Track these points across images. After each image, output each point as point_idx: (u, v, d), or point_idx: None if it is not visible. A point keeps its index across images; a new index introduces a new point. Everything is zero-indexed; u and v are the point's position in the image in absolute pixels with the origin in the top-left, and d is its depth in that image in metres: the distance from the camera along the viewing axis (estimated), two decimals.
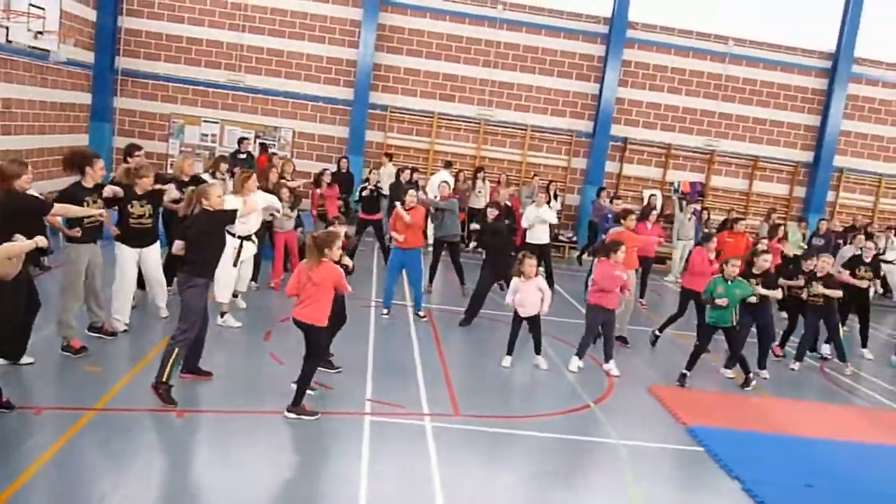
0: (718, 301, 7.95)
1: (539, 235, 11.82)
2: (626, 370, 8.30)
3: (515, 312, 8.07)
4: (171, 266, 8.01)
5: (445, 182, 12.07)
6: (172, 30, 15.92)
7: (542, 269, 11.43)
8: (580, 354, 8.20)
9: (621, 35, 16.45)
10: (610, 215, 12.07)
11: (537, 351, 8.15)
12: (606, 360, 8.24)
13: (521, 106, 16.82)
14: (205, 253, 6.09)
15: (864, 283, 10.18)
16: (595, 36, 16.68)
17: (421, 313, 9.59)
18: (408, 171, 13.84)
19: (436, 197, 11.62)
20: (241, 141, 14.34)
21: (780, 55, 17.07)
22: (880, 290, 13.27)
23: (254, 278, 9.71)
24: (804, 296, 9.35)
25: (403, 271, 9.78)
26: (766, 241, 10.45)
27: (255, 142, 15.59)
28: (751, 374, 8.36)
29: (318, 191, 12.42)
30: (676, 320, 9.63)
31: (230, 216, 6.48)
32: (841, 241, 13.71)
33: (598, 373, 8.16)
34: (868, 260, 10.36)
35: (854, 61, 16.99)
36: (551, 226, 12.22)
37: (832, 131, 17.12)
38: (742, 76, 17.08)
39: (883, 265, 14.04)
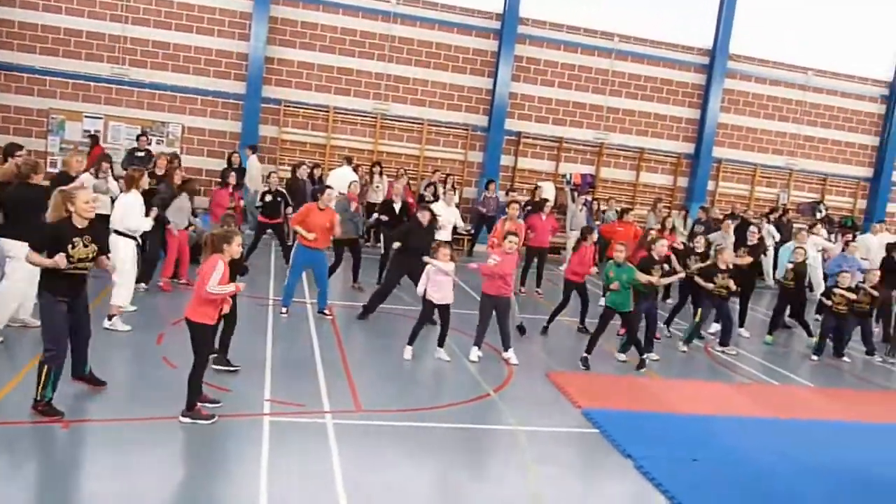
0: (612, 286, 8.40)
1: (441, 231, 11.93)
2: (525, 358, 8.52)
3: (428, 302, 8.11)
4: None
5: (356, 181, 12.00)
6: (49, 20, 14.98)
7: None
8: (478, 344, 8.34)
9: (512, 31, 16.79)
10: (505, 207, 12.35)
11: (441, 343, 8.24)
12: (505, 349, 8.42)
13: (418, 100, 16.89)
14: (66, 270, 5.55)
15: (745, 260, 10.86)
16: (487, 31, 16.94)
17: (326, 311, 9.48)
18: (305, 167, 13.63)
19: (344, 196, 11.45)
20: (138, 137, 13.75)
21: (662, 51, 17.91)
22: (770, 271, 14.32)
23: (143, 280, 9.35)
24: (710, 286, 9.78)
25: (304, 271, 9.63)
26: (654, 230, 11.04)
27: (148, 138, 14.92)
28: (644, 358, 8.78)
29: (229, 190, 12.02)
30: (562, 310, 9.99)
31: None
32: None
33: (497, 362, 8.34)
34: (751, 243, 11.06)
35: (729, 57, 18.05)
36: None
37: (711, 124, 18.14)
38: (628, 72, 17.81)
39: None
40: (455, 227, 12.13)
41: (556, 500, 5.32)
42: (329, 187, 9.87)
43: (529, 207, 13.61)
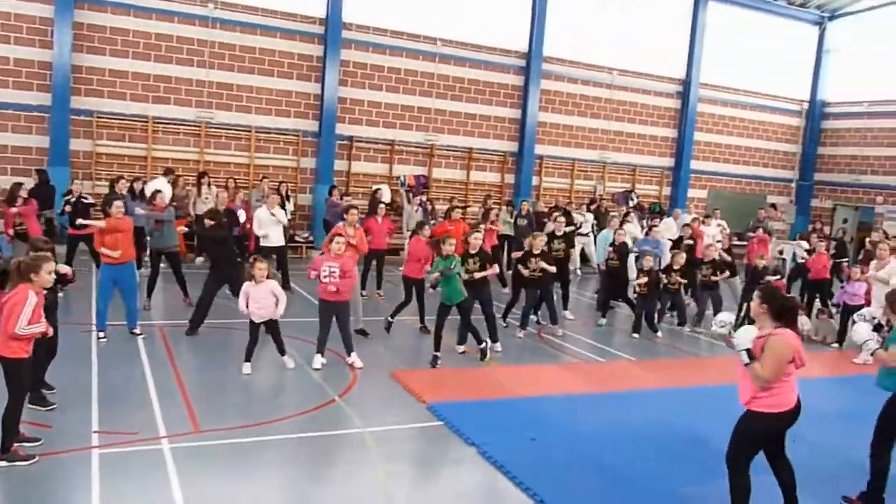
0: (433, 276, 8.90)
1: (273, 238, 11.75)
2: (369, 360, 8.59)
3: (251, 320, 7.97)
4: None
5: (159, 191, 11.39)
6: None
7: (278, 272, 11.44)
8: (320, 351, 8.30)
9: (337, 36, 16.79)
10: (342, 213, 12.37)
11: (281, 353, 8.14)
12: (348, 353, 8.46)
13: (243, 107, 16.43)
14: None
15: (560, 254, 11.61)
16: (312, 36, 16.82)
17: (136, 331, 8.98)
18: (123, 181, 12.85)
19: (151, 207, 10.88)
20: None
21: (482, 55, 18.63)
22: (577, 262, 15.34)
23: None
24: (525, 272, 10.34)
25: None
26: (482, 225, 11.59)
27: None
28: (485, 345, 9.08)
29: (13, 209, 11.04)
30: (405, 306, 10.20)
31: None
32: (546, 220, 15.43)
33: (342, 366, 8.35)
34: (559, 234, 11.83)
35: (543, 59, 19.12)
36: (286, 227, 12.26)
37: (531, 123, 19.15)
38: (452, 74, 18.36)
39: (582, 238, 16.23)
40: (289, 233, 12.02)
41: (405, 496, 5.45)
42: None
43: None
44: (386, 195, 16.34)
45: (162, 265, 10.71)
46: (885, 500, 5.51)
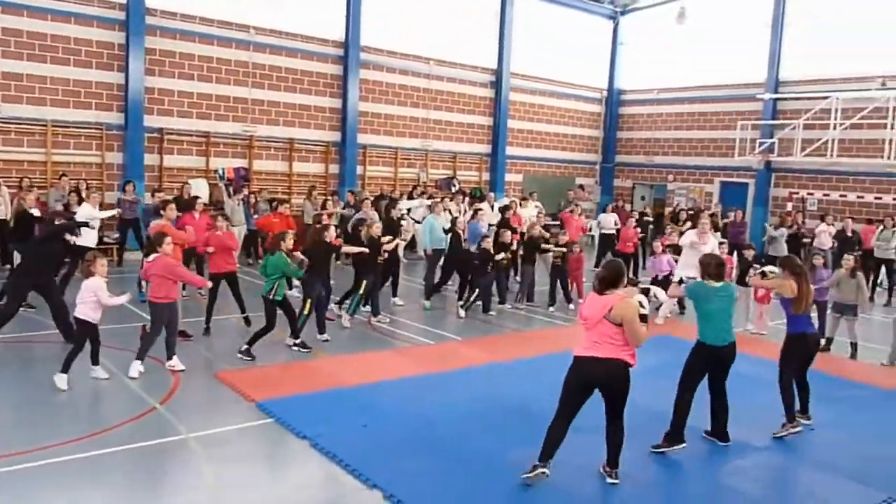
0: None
1: (87, 238, 10.94)
2: (191, 362, 8.27)
3: (87, 324, 7.43)
4: None
5: None
6: None
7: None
8: (142, 357, 7.87)
9: (140, 22, 15.76)
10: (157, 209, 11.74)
11: (94, 361, 7.63)
12: (169, 357, 8.09)
13: (36, 99, 15.00)
14: None
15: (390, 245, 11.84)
16: (112, 22, 15.66)
17: None
18: None
19: None
20: None
21: (298, 43, 18.31)
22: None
23: None
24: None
25: None
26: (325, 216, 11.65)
27: None
28: (301, 341, 9.19)
29: None
30: (213, 305, 9.95)
31: None
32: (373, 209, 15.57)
33: (161, 372, 7.96)
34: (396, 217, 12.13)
35: (361, 49, 19.15)
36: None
37: (353, 112, 19.12)
38: (268, 63, 17.87)
39: (416, 225, 16.50)
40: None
41: (236, 496, 5.33)
42: None
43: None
44: (202, 189, 15.67)
45: None
46: (683, 437, 6.36)
